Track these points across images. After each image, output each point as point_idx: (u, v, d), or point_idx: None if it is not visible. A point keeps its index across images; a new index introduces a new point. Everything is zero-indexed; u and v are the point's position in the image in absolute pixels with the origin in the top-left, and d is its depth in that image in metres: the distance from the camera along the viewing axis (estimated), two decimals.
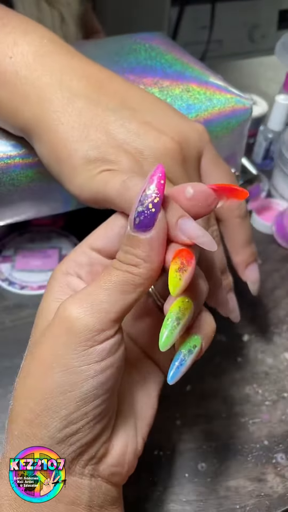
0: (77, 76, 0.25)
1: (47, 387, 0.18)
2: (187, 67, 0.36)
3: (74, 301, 0.18)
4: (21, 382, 0.19)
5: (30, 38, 0.25)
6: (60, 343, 0.18)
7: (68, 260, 0.21)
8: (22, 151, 0.29)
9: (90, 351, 0.18)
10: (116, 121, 0.24)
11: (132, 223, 0.19)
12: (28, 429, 0.18)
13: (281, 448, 0.30)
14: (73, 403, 0.18)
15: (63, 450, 0.19)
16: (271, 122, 0.51)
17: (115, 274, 0.19)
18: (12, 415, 0.19)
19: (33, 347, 0.20)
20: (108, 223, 0.21)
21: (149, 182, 0.18)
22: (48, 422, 0.18)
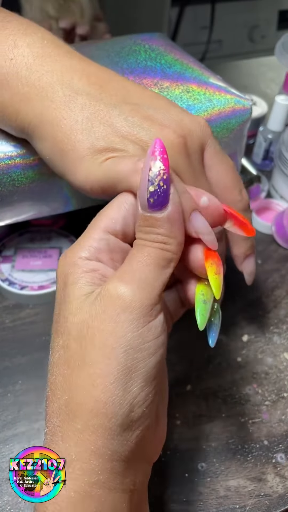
0: (77, 75, 0.25)
1: (112, 371, 0.17)
2: (187, 67, 0.36)
3: (122, 279, 0.18)
4: (74, 372, 0.18)
5: (31, 40, 0.26)
6: (119, 324, 0.17)
7: (85, 246, 0.20)
8: (23, 152, 0.29)
9: (149, 327, 0.18)
10: (119, 115, 0.24)
11: (145, 204, 0.19)
12: (94, 420, 0.17)
13: (281, 448, 0.30)
14: (137, 385, 0.18)
15: (128, 436, 0.18)
16: (270, 122, 0.51)
17: (149, 250, 0.19)
18: (69, 409, 0.18)
19: (75, 335, 0.18)
20: (119, 203, 0.21)
21: (153, 159, 0.19)
22: (117, 409, 0.17)
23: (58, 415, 0.18)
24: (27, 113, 0.25)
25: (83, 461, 0.17)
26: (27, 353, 0.34)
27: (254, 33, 1.34)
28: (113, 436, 0.18)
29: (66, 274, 0.20)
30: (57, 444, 0.18)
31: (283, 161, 0.47)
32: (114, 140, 0.23)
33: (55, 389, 0.19)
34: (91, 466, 0.17)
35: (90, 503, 0.17)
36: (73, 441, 0.18)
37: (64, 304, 0.19)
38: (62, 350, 0.19)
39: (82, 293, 0.19)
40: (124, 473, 0.18)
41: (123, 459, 0.18)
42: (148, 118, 0.24)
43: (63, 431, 0.18)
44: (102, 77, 0.26)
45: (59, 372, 0.19)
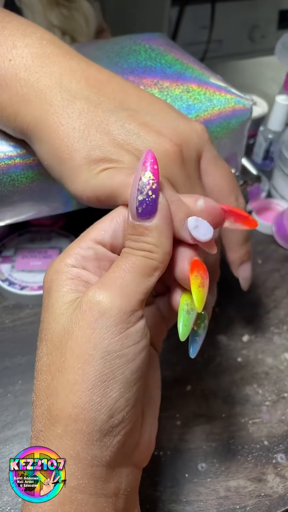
0: (76, 78, 0.25)
1: (90, 378, 0.17)
2: (187, 67, 0.36)
3: (102, 286, 0.18)
4: (55, 378, 0.18)
5: (29, 40, 0.25)
6: (96, 330, 0.18)
7: (72, 254, 0.20)
8: (23, 152, 0.29)
9: (127, 333, 0.18)
10: (116, 122, 0.24)
11: (134, 213, 0.19)
12: (73, 426, 0.17)
13: (281, 448, 0.30)
14: (117, 391, 0.18)
15: (109, 442, 0.18)
16: (271, 122, 0.51)
17: (133, 259, 0.19)
18: (50, 414, 0.18)
19: (56, 342, 0.19)
20: (111, 217, 0.21)
21: (143, 169, 0.19)
22: (95, 415, 0.17)
23: (41, 420, 0.18)
24: (25, 115, 0.25)
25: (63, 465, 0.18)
26: (27, 353, 0.34)
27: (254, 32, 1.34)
28: (92, 442, 0.18)
29: (51, 280, 0.20)
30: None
31: (284, 161, 0.47)
32: (110, 150, 0.23)
33: (39, 395, 0.19)
34: (70, 470, 0.18)
35: (71, 507, 0.18)
36: (54, 446, 0.18)
37: (47, 311, 0.20)
38: (45, 357, 0.19)
39: (65, 301, 0.19)
40: (107, 478, 0.18)
41: (104, 464, 0.18)
42: (145, 125, 0.24)
43: (45, 436, 0.18)
44: (100, 79, 0.26)
45: (42, 378, 0.19)
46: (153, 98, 0.26)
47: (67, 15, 0.60)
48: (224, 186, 0.26)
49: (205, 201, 0.21)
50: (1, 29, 0.26)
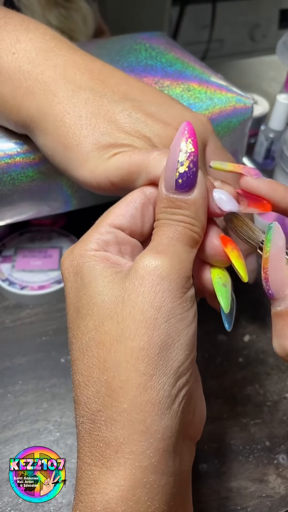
0: (80, 70, 0.25)
1: (157, 342, 0.17)
2: (187, 66, 0.36)
3: (157, 252, 0.18)
4: (113, 349, 0.17)
5: (33, 35, 0.26)
6: (159, 294, 0.17)
7: (92, 240, 0.20)
8: (23, 150, 0.29)
9: (186, 297, 0.18)
10: (122, 111, 0.24)
11: (173, 185, 0.19)
12: (143, 396, 0.16)
13: (282, 449, 0.30)
14: (182, 353, 0.17)
15: (176, 408, 0.17)
16: (272, 121, 0.50)
17: (179, 229, 0.19)
18: (111, 390, 0.17)
19: (109, 313, 0.18)
20: (127, 202, 0.21)
21: (183, 140, 0.19)
22: (163, 380, 0.17)
23: (97, 398, 0.17)
24: (29, 107, 0.24)
25: (133, 443, 0.16)
26: (27, 353, 0.34)
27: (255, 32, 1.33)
28: (163, 411, 0.17)
29: (77, 264, 0.19)
30: (100, 430, 0.17)
31: (285, 160, 0.46)
32: (120, 136, 0.23)
33: (89, 373, 0.17)
34: (141, 448, 0.16)
35: (142, 491, 0.16)
36: (119, 424, 0.16)
37: (85, 289, 0.19)
38: (93, 331, 0.18)
39: (106, 274, 0.18)
40: (175, 452, 0.17)
41: (174, 435, 0.17)
42: (151, 115, 0.24)
43: (105, 414, 0.17)
44: (104, 72, 0.26)
45: (92, 354, 0.18)
46: (156, 90, 0.26)
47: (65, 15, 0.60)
48: (229, 175, 0.26)
49: (222, 182, 0.21)
50: (4, 24, 0.26)
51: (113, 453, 0.16)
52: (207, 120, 0.26)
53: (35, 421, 0.30)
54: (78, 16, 0.61)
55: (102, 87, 0.25)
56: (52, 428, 0.30)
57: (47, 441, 0.29)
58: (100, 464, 0.16)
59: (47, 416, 0.31)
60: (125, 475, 0.16)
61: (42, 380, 0.33)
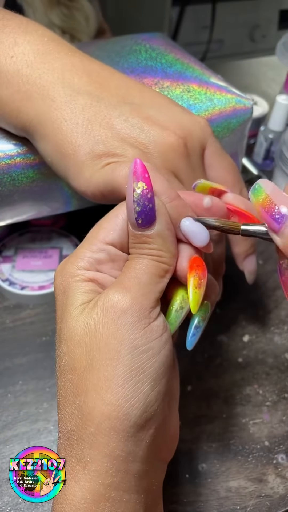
0: (78, 73, 0.25)
1: (120, 373, 0.17)
2: (187, 67, 0.36)
3: (121, 286, 0.19)
4: (83, 377, 0.18)
5: (31, 37, 0.26)
6: (120, 326, 0.18)
7: (84, 258, 0.20)
8: (23, 151, 0.29)
9: (150, 328, 0.18)
10: (119, 116, 0.24)
11: (134, 224, 0.19)
12: (107, 423, 0.17)
13: (281, 449, 0.30)
14: (147, 385, 0.18)
15: (142, 436, 0.18)
16: (271, 122, 0.51)
17: (145, 261, 0.19)
18: (81, 413, 0.18)
19: (79, 340, 0.18)
20: (115, 214, 0.21)
21: (135, 180, 0.19)
22: (129, 411, 0.17)
23: (71, 419, 0.18)
24: (28, 112, 0.25)
25: (97, 463, 0.17)
26: (27, 353, 0.34)
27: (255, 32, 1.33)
28: (127, 438, 0.18)
29: (66, 284, 0.20)
30: (73, 447, 0.18)
31: (284, 161, 0.47)
32: (113, 145, 0.23)
33: (65, 395, 0.19)
34: (105, 468, 0.17)
35: (105, 504, 0.17)
36: (87, 444, 0.18)
37: (66, 311, 0.19)
38: (67, 356, 0.19)
39: (83, 301, 0.19)
40: (140, 474, 0.18)
41: (138, 460, 0.18)
42: (149, 119, 0.24)
43: (77, 435, 0.18)
44: (103, 75, 0.26)
45: (67, 378, 0.19)
46: (155, 93, 0.26)
47: (68, 14, 0.60)
48: (229, 178, 0.26)
49: (211, 199, 0.21)
50: (2, 26, 0.26)
51: (82, 469, 0.18)
52: (205, 122, 0.26)
53: (35, 421, 0.30)
54: (80, 15, 0.61)
55: (100, 91, 0.25)
56: (52, 428, 0.30)
57: (47, 441, 0.29)
58: (70, 477, 0.18)
59: (47, 416, 0.31)
60: (90, 489, 0.17)
61: (42, 380, 0.33)
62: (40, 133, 0.25)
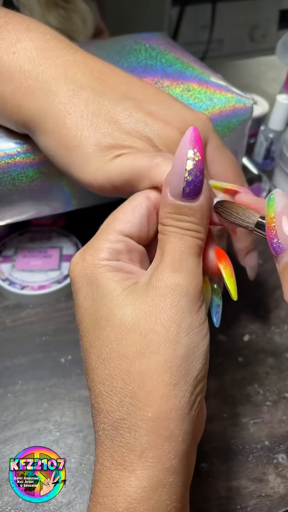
0: (81, 69, 0.25)
1: (179, 354, 0.18)
2: (187, 66, 0.36)
3: (175, 269, 0.19)
4: (137, 362, 0.18)
5: (33, 34, 0.26)
6: (180, 310, 0.18)
7: (104, 248, 0.20)
8: (23, 149, 0.29)
9: (201, 311, 0.19)
10: (123, 111, 0.24)
11: (180, 192, 0.19)
12: (167, 404, 0.18)
13: (282, 449, 0.30)
14: (200, 362, 0.19)
15: (193, 413, 0.19)
16: (272, 121, 0.51)
17: (187, 240, 0.19)
18: (136, 399, 0.18)
19: (130, 326, 0.18)
20: (133, 207, 0.21)
21: (191, 147, 0.19)
22: (185, 388, 0.18)
23: (121, 407, 0.18)
24: (30, 107, 0.24)
25: (157, 448, 0.17)
26: (27, 353, 0.34)
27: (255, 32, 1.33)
28: (184, 416, 0.18)
29: (92, 275, 0.19)
30: (122, 437, 0.18)
31: (285, 160, 0.47)
32: (121, 137, 0.23)
33: (111, 383, 0.18)
34: (164, 452, 0.17)
35: (163, 490, 0.17)
36: (144, 431, 0.17)
37: (104, 300, 0.19)
38: (115, 343, 0.18)
39: (124, 287, 0.19)
40: (191, 454, 0.19)
41: (191, 438, 0.19)
42: (151, 114, 0.24)
43: (130, 422, 0.18)
44: (105, 71, 0.26)
45: (114, 365, 0.18)
46: (157, 89, 0.26)
47: (65, 16, 0.60)
48: (230, 173, 0.26)
49: (223, 195, 0.22)
50: (4, 24, 0.26)
51: (137, 458, 0.17)
52: (207, 118, 0.26)
53: (35, 421, 0.30)
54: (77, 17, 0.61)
55: (103, 86, 0.25)
56: (52, 428, 0.30)
57: (47, 441, 0.29)
58: (122, 468, 0.17)
59: (47, 416, 0.31)
60: (149, 477, 0.17)
61: (42, 380, 0.33)
62: (42, 128, 0.24)
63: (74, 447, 0.29)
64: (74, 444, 0.29)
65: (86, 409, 0.31)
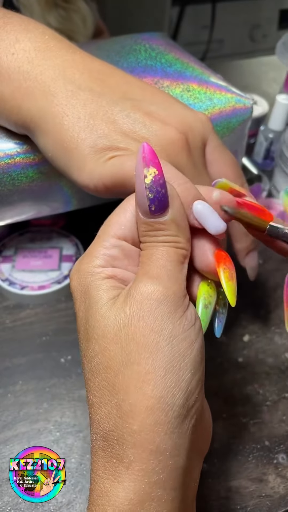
0: (79, 70, 0.25)
1: (161, 364, 0.17)
2: (187, 66, 0.36)
3: (151, 277, 0.18)
4: (120, 374, 0.18)
5: (32, 35, 0.26)
6: (158, 317, 0.18)
7: (99, 255, 0.20)
8: (23, 150, 0.29)
9: (185, 316, 0.18)
10: (121, 112, 0.24)
11: (147, 211, 0.19)
12: (151, 418, 0.17)
13: (282, 449, 0.30)
14: (188, 372, 0.18)
15: (186, 427, 0.18)
16: (271, 122, 0.51)
17: (165, 249, 0.19)
18: (121, 412, 0.17)
19: (112, 337, 0.18)
20: (124, 209, 0.21)
21: (145, 166, 0.19)
22: (171, 401, 0.17)
23: (109, 419, 0.18)
24: (29, 108, 0.25)
25: (142, 461, 0.17)
26: (27, 353, 0.34)
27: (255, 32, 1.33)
28: (172, 430, 0.17)
29: (85, 283, 0.20)
30: (112, 448, 0.18)
31: (284, 160, 0.47)
32: (116, 139, 0.23)
33: (100, 395, 0.18)
34: (151, 466, 0.17)
35: (151, 504, 0.17)
36: (130, 443, 0.17)
37: (91, 310, 0.19)
38: (100, 355, 0.18)
39: (110, 297, 0.19)
40: (184, 469, 0.18)
41: (183, 452, 0.18)
42: (150, 114, 0.24)
43: (117, 434, 0.18)
44: (104, 72, 0.26)
45: (102, 378, 0.18)
46: (156, 89, 0.26)
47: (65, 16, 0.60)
48: (230, 173, 0.26)
49: (220, 192, 0.21)
50: (3, 24, 0.26)
51: (125, 469, 0.17)
52: (207, 118, 0.26)
53: (35, 421, 0.30)
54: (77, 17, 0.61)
55: (101, 87, 0.25)
56: (52, 428, 0.30)
57: (47, 441, 0.29)
58: (113, 478, 0.17)
59: (47, 416, 0.31)
60: (135, 490, 0.17)
61: (42, 380, 0.33)
62: (41, 129, 0.25)
63: (74, 447, 0.29)
64: (74, 444, 0.29)
65: (86, 409, 0.31)
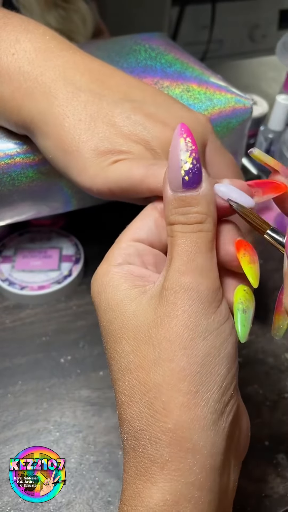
0: (80, 71, 0.25)
1: (196, 361, 0.17)
2: (187, 67, 0.36)
3: (182, 272, 0.18)
4: (151, 372, 0.17)
5: (32, 35, 0.26)
6: (192, 315, 0.17)
7: (115, 255, 0.20)
8: (23, 150, 0.29)
9: (220, 311, 0.18)
10: (121, 114, 0.24)
11: (180, 184, 0.18)
12: (186, 414, 0.17)
13: (282, 449, 0.30)
14: (224, 367, 0.17)
15: (223, 424, 0.17)
16: (271, 122, 0.51)
17: (194, 238, 0.18)
18: (153, 410, 0.17)
19: (144, 336, 0.18)
20: (142, 216, 0.21)
21: (183, 139, 0.19)
22: (207, 397, 0.17)
23: (140, 418, 0.17)
24: (29, 109, 0.25)
25: (179, 461, 0.17)
26: (27, 353, 0.34)
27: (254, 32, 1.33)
28: (209, 427, 0.17)
29: (102, 284, 0.19)
30: (144, 448, 0.17)
31: (284, 160, 0.47)
32: (118, 141, 0.23)
33: (131, 394, 0.18)
34: (188, 465, 0.16)
35: (187, 506, 0.16)
36: (164, 442, 0.17)
37: (113, 311, 0.19)
38: (131, 355, 0.18)
39: (132, 297, 0.19)
40: (222, 469, 0.18)
41: (221, 451, 0.17)
42: (150, 116, 0.24)
43: (149, 434, 0.17)
44: (104, 72, 0.26)
45: (132, 377, 0.18)
46: (156, 90, 0.27)
47: (64, 16, 0.60)
48: (229, 175, 0.26)
49: (231, 180, 0.20)
50: (4, 25, 0.26)
51: (159, 469, 0.17)
52: (206, 119, 0.26)
53: (35, 421, 0.30)
54: (77, 17, 0.61)
55: (101, 88, 0.25)
56: (52, 428, 0.30)
57: (47, 441, 0.29)
58: (145, 478, 0.17)
59: (47, 416, 0.31)
60: (171, 490, 0.16)
61: (42, 380, 0.33)
62: (41, 130, 0.25)
63: (74, 447, 0.29)
64: (74, 444, 0.29)
65: (85, 409, 0.31)
